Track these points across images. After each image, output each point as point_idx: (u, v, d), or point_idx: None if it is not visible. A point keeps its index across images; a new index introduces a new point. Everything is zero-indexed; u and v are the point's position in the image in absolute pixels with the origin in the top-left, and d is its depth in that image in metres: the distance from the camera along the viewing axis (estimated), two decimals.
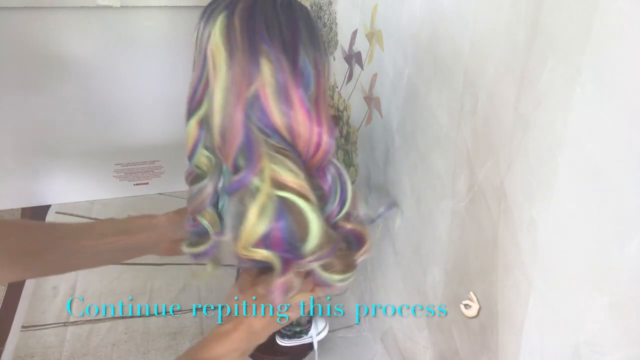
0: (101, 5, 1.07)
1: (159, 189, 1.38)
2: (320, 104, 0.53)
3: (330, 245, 0.58)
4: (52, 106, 1.17)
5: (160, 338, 0.96)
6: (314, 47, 0.52)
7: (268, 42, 0.49)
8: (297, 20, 0.52)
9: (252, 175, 0.52)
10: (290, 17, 0.52)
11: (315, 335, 0.88)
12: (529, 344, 0.51)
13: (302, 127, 0.51)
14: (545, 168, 0.44)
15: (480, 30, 0.52)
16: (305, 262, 0.57)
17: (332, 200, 0.58)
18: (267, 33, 0.50)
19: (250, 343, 0.62)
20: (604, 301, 0.41)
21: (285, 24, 0.51)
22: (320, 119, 0.52)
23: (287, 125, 0.51)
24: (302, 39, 0.51)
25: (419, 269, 0.75)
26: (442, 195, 0.65)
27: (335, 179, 0.58)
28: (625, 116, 0.36)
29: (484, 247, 0.57)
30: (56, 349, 0.93)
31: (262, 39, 0.49)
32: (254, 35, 0.49)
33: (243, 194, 0.54)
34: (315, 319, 0.91)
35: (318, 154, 0.54)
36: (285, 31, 0.51)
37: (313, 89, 0.52)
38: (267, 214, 0.52)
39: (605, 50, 0.37)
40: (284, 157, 0.52)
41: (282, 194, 0.52)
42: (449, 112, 0.61)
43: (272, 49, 0.49)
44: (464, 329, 0.64)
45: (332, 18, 1.00)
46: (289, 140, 0.53)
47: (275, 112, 0.50)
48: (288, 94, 0.50)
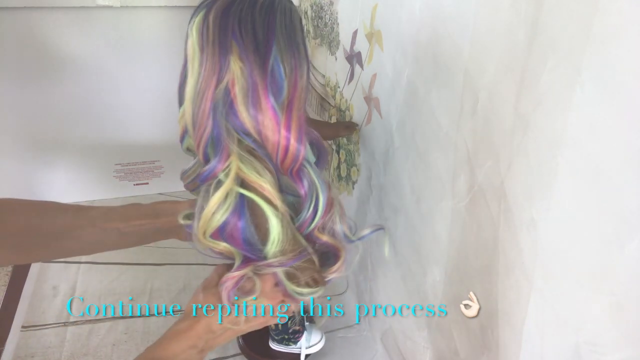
0: (101, 5, 1.07)
1: (159, 189, 1.38)
2: (292, 109, 0.53)
3: (296, 253, 0.58)
4: (52, 106, 1.17)
5: None
6: (291, 52, 0.52)
7: (239, 40, 0.50)
8: (274, 21, 0.51)
9: (219, 169, 0.53)
10: (268, 18, 0.51)
11: (305, 347, 0.88)
12: (529, 344, 0.51)
13: (269, 131, 0.52)
14: (545, 168, 0.44)
15: (480, 30, 0.52)
16: (265, 265, 0.57)
17: (306, 207, 0.58)
18: (239, 31, 0.50)
19: (209, 343, 0.59)
20: (604, 301, 0.41)
21: (261, 24, 0.51)
22: (290, 124, 0.52)
23: (255, 128, 0.52)
24: (276, 41, 0.51)
25: (419, 269, 0.75)
26: (442, 195, 0.65)
27: (311, 186, 0.58)
28: (625, 116, 0.36)
29: (484, 247, 0.57)
30: (56, 349, 0.93)
31: (234, 36, 0.50)
32: (225, 32, 0.50)
33: (210, 185, 0.55)
34: (310, 329, 0.90)
35: (287, 159, 0.54)
36: (259, 31, 0.51)
37: (286, 94, 0.52)
38: (225, 206, 0.54)
39: (605, 50, 0.37)
40: (253, 159, 0.54)
41: (245, 193, 0.54)
42: (448, 112, 0.61)
43: (243, 48, 0.50)
44: (464, 329, 0.64)
45: (334, 18, 1.00)
46: (260, 142, 0.53)
47: (244, 113, 0.51)
48: (257, 96, 0.51)
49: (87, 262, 1.14)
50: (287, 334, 0.86)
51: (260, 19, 0.51)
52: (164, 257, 1.16)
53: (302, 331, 0.88)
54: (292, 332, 0.86)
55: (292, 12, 0.54)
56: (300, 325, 0.88)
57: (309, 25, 1.17)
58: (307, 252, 0.60)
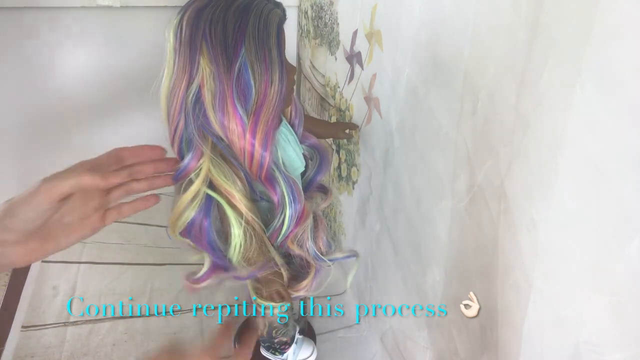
0: (101, 5, 1.07)
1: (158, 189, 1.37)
2: (260, 115, 0.52)
3: (263, 263, 0.59)
4: (51, 106, 1.17)
5: (160, 338, 0.96)
6: (261, 56, 0.51)
7: (208, 41, 0.49)
8: (245, 24, 0.50)
9: (191, 168, 0.54)
10: (240, 21, 0.50)
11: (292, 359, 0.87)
12: (529, 344, 0.51)
13: (235, 136, 0.52)
14: (545, 168, 0.44)
15: (480, 30, 0.52)
16: (232, 275, 0.59)
17: (277, 215, 0.59)
18: (209, 32, 0.50)
19: None
20: (604, 301, 0.40)
21: (232, 26, 0.50)
22: (256, 129, 0.52)
23: (223, 132, 0.52)
24: (246, 45, 0.50)
25: (419, 269, 0.75)
26: (442, 195, 0.65)
27: (282, 195, 0.58)
28: (625, 116, 0.36)
29: (483, 247, 0.57)
30: (56, 349, 0.93)
31: (204, 37, 0.50)
32: (197, 32, 0.50)
33: (183, 182, 0.56)
34: (300, 343, 0.89)
35: (253, 165, 0.54)
36: (229, 34, 0.50)
37: (254, 99, 0.52)
38: (194, 204, 0.55)
39: (605, 50, 0.37)
40: (224, 163, 0.55)
41: (211, 194, 0.55)
42: (448, 112, 0.61)
43: (212, 50, 0.49)
44: (464, 329, 0.64)
45: (334, 18, 1.00)
46: (231, 147, 0.54)
47: (212, 117, 0.52)
48: (224, 100, 0.51)
49: (87, 262, 1.14)
50: (273, 344, 0.85)
51: (232, 21, 0.50)
52: (164, 257, 1.16)
53: (290, 343, 0.87)
54: (277, 343, 0.85)
55: (270, 15, 0.52)
56: (289, 336, 0.86)
57: (309, 25, 1.17)
58: (271, 262, 0.60)
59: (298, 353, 0.88)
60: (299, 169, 0.68)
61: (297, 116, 0.70)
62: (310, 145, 0.73)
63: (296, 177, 0.70)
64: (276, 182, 0.57)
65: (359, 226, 1.00)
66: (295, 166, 0.67)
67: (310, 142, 0.73)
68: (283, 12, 0.55)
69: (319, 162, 0.72)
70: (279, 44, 0.52)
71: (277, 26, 0.52)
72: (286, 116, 0.71)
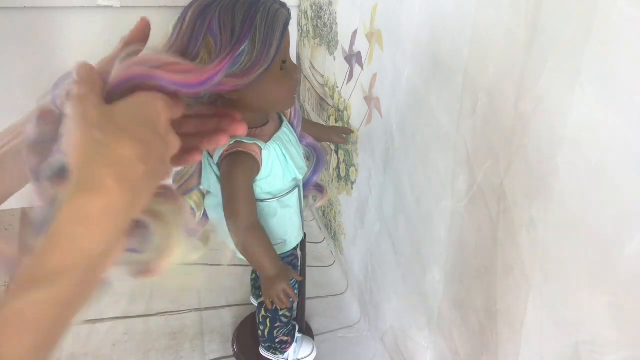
0: (101, 5, 1.07)
1: None
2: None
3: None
4: None
5: (160, 338, 0.96)
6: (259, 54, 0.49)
7: (214, 31, 0.48)
8: (253, 22, 0.49)
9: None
10: (247, 19, 0.49)
11: (293, 359, 0.87)
12: (528, 344, 0.51)
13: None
14: (545, 168, 0.44)
15: (480, 30, 0.52)
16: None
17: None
18: (216, 24, 0.48)
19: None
20: (604, 301, 0.41)
21: (240, 20, 0.49)
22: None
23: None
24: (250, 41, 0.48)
25: (419, 269, 0.75)
26: (441, 195, 0.65)
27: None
28: (625, 116, 0.36)
29: (483, 247, 0.57)
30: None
31: (209, 29, 0.48)
32: (202, 24, 0.48)
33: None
34: (300, 341, 0.89)
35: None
36: (237, 28, 0.48)
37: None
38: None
39: (605, 50, 0.37)
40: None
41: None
42: (448, 112, 0.61)
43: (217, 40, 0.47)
44: (464, 329, 0.64)
45: (333, 18, 1.00)
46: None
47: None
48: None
49: None
50: (274, 343, 0.85)
51: (239, 17, 0.50)
52: None
53: (291, 342, 0.87)
54: (279, 342, 0.85)
55: (277, 14, 0.52)
56: (290, 336, 0.86)
57: (308, 25, 1.18)
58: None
59: (299, 352, 0.88)
60: (304, 168, 0.68)
61: (296, 116, 0.70)
62: (307, 144, 0.73)
63: (302, 175, 0.70)
64: None
65: (359, 226, 1.00)
66: (300, 165, 0.67)
67: (307, 142, 0.74)
68: (288, 12, 0.54)
69: (315, 161, 0.72)
70: (280, 45, 0.52)
71: (282, 25, 0.52)
72: (286, 116, 0.71)
